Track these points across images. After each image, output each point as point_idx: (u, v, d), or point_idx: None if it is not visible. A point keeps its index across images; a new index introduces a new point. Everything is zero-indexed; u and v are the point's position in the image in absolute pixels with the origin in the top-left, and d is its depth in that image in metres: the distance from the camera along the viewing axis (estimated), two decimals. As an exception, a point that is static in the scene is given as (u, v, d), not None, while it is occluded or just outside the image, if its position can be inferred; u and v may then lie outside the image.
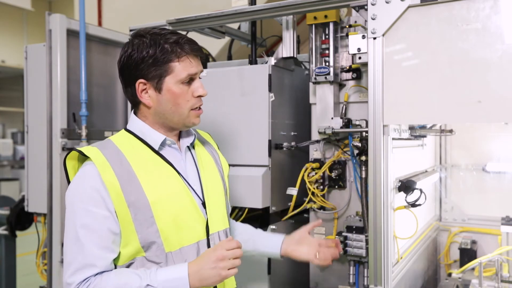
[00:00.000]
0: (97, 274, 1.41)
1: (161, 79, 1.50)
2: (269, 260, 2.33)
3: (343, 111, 2.33)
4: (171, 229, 1.48)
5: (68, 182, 1.52)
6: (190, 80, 1.53)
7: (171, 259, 1.48)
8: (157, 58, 1.49)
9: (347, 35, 2.23)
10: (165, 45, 1.49)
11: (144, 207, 1.44)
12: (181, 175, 1.55)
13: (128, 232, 1.44)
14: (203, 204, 1.58)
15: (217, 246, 1.44)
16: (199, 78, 1.58)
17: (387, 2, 1.94)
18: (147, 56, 1.49)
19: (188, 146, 1.65)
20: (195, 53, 1.53)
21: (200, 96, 1.55)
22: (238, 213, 2.44)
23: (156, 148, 1.55)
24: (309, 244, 1.85)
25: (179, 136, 1.64)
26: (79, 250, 1.40)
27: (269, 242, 1.90)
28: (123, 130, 1.60)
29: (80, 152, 1.47)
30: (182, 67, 1.50)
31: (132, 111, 1.62)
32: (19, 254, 3.94)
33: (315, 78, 2.30)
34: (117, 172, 1.44)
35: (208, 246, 1.55)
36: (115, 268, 1.47)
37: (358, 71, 2.29)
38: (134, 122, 1.58)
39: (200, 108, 1.57)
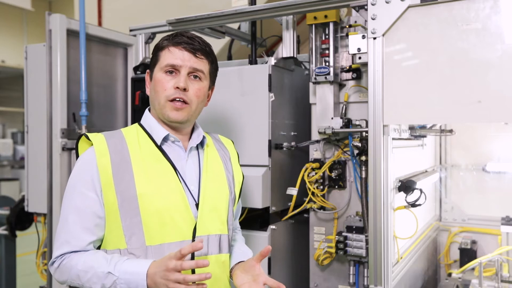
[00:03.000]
0: (73, 252, 1.49)
1: (154, 68, 1.61)
2: (269, 260, 2.33)
3: (343, 111, 2.33)
4: (154, 223, 1.49)
5: None
6: (176, 71, 1.56)
7: (151, 254, 1.49)
8: (155, 47, 1.63)
9: (347, 35, 2.23)
10: (164, 37, 1.60)
11: (131, 197, 1.49)
12: (178, 173, 1.57)
13: (113, 219, 1.50)
14: (197, 205, 1.57)
15: (171, 255, 1.38)
16: (196, 77, 1.58)
17: (387, 2, 1.94)
18: (153, 47, 1.64)
19: (197, 147, 1.67)
20: (180, 45, 1.56)
21: (177, 88, 1.53)
22: (238, 213, 2.44)
23: (159, 142, 1.58)
24: (253, 276, 1.57)
25: (191, 135, 1.67)
26: (63, 227, 1.51)
27: (232, 260, 1.74)
28: (136, 123, 1.67)
29: (86, 137, 1.55)
30: (165, 56, 1.57)
31: (148, 107, 1.69)
32: (19, 254, 3.93)
33: (315, 78, 2.30)
34: (114, 160, 1.51)
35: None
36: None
37: (358, 71, 2.29)
38: (145, 117, 1.66)
39: (179, 101, 1.54)
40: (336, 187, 2.35)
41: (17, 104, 12.88)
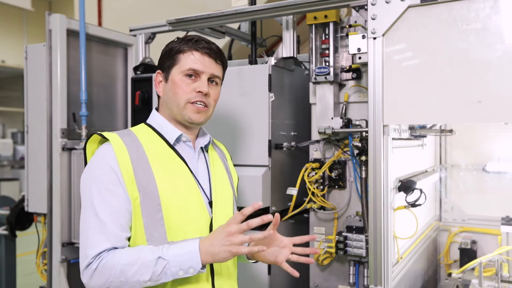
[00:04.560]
0: (110, 249, 1.43)
1: (170, 70, 1.61)
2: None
3: (343, 111, 2.33)
4: (175, 220, 1.52)
5: (86, 164, 1.59)
6: (196, 75, 1.59)
7: None
8: (171, 50, 1.62)
9: (347, 35, 2.23)
10: (181, 41, 1.62)
11: (152, 194, 1.49)
12: (192, 172, 1.61)
13: (135, 216, 1.49)
14: (210, 203, 1.62)
15: (229, 221, 1.46)
16: (212, 82, 1.62)
17: (387, 2, 1.94)
18: (167, 49, 1.64)
19: (202, 148, 1.71)
20: (202, 50, 1.59)
21: (200, 92, 1.58)
22: (238, 213, 2.43)
23: (172, 142, 1.61)
24: (278, 245, 1.66)
25: (197, 137, 1.71)
26: (97, 224, 1.44)
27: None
28: (142, 123, 1.68)
29: (101, 136, 1.54)
30: (186, 59, 1.59)
31: (154, 107, 1.71)
32: (19, 254, 3.93)
33: (315, 78, 2.30)
34: (133, 157, 1.50)
35: None
36: None
37: (358, 71, 2.29)
38: (154, 117, 1.67)
39: (201, 105, 1.59)
40: (336, 187, 2.35)
41: (17, 104, 12.88)
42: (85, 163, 1.60)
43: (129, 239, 1.50)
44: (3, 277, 3.64)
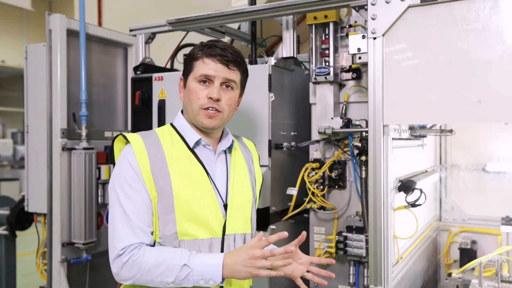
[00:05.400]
0: (140, 246, 1.51)
1: (187, 76, 1.67)
2: (269, 260, 2.33)
3: (343, 111, 2.33)
4: (188, 221, 1.56)
5: (113, 163, 1.67)
6: (209, 81, 1.62)
7: (183, 248, 1.55)
8: (188, 56, 1.68)
9: (347, 35, 2.23)
10: (198, 47, 1.66)
11: (167, 195, 1.55)
12: (209, 175, 1.64)
13: (154, 213, 1.56)
14: (225, 205, 1.65)
15: (254, 244, 1.50)
16: (228, 87, 1.64)
17: (387, 2, 1.94)
18: (187, 55, 1.70)
19: (225, 151, 1.74)
20: (214, 57, 1.61)
21: (211, 98, 1.60)
22: (238, 213, 2.43)
23: (191, 145, 1.66)
24: (297, 261, 1.71)
25: (220, 139, 1.74)
26: (123, 218, 1.52)
27: None
28: (169, 124, 1.74)
29: (124, 137, 1.62)
30: (198, 66, 1.63)
31: (181, 110, 1.76)
32: (19, 254, 3.93)
33: (315, 78, 2.30)
34: (151, 158, 1.57)
35: (222, 244, 1.62)
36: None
37: (358, 71, 2.29)
38: (179, 119, 1.72)
39: (212, 110, 1.62)
40: (336, 187, 2.35)
41: (17, 104, 12.88)
42: (112, 160, 1.69)
43: (152, 233, 1.56)
44: (3, 277, 3.64)
